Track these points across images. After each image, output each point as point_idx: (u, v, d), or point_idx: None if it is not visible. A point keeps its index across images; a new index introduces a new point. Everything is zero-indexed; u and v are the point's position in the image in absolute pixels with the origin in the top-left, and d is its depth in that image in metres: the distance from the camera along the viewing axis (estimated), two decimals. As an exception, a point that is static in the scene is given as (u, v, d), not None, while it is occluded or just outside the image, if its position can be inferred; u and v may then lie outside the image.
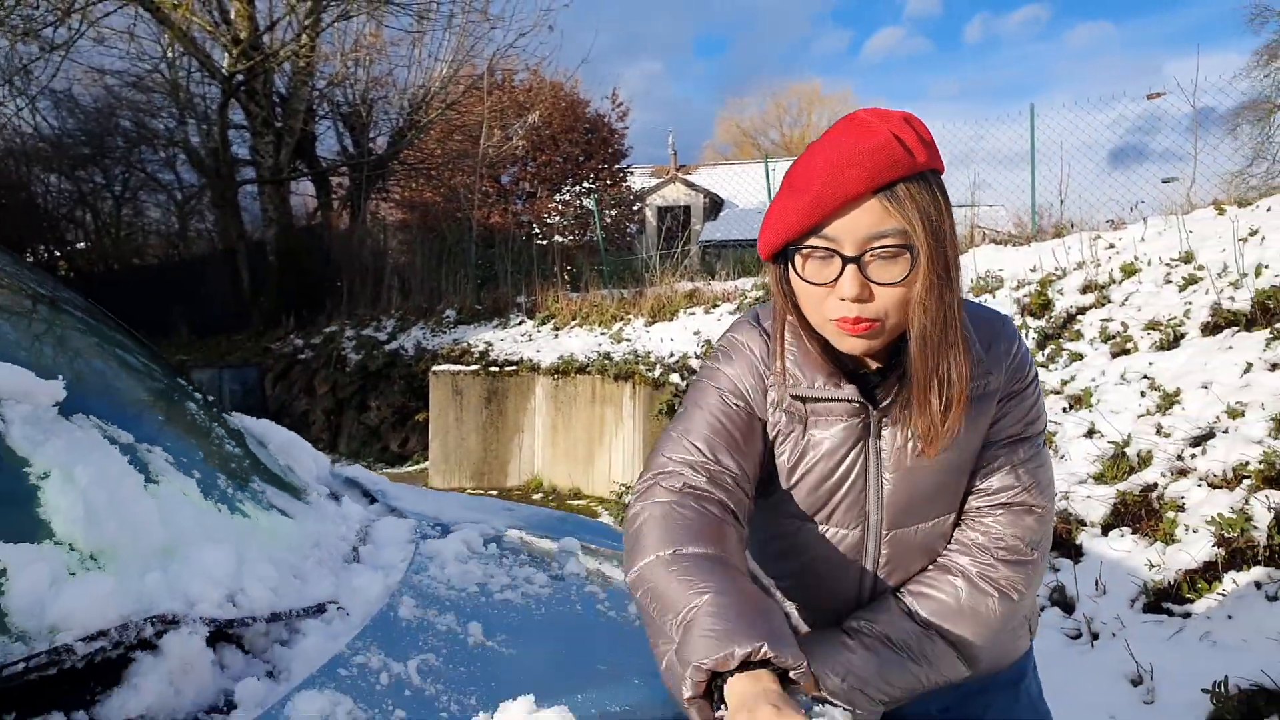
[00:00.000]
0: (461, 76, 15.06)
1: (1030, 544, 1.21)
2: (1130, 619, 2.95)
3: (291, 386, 12.23)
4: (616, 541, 2.24)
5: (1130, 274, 5.38)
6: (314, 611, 1.23)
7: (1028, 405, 1.24)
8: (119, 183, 19.46)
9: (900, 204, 1.05)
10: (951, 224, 1.09)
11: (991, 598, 1.19)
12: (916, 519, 1.22)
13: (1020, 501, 1.21)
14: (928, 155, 1.07)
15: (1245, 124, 19.50)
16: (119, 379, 1.64)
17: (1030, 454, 1.23)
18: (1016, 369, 1.23)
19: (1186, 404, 3.87)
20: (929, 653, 1.19)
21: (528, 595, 1.42)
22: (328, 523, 1.67)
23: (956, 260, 1.11)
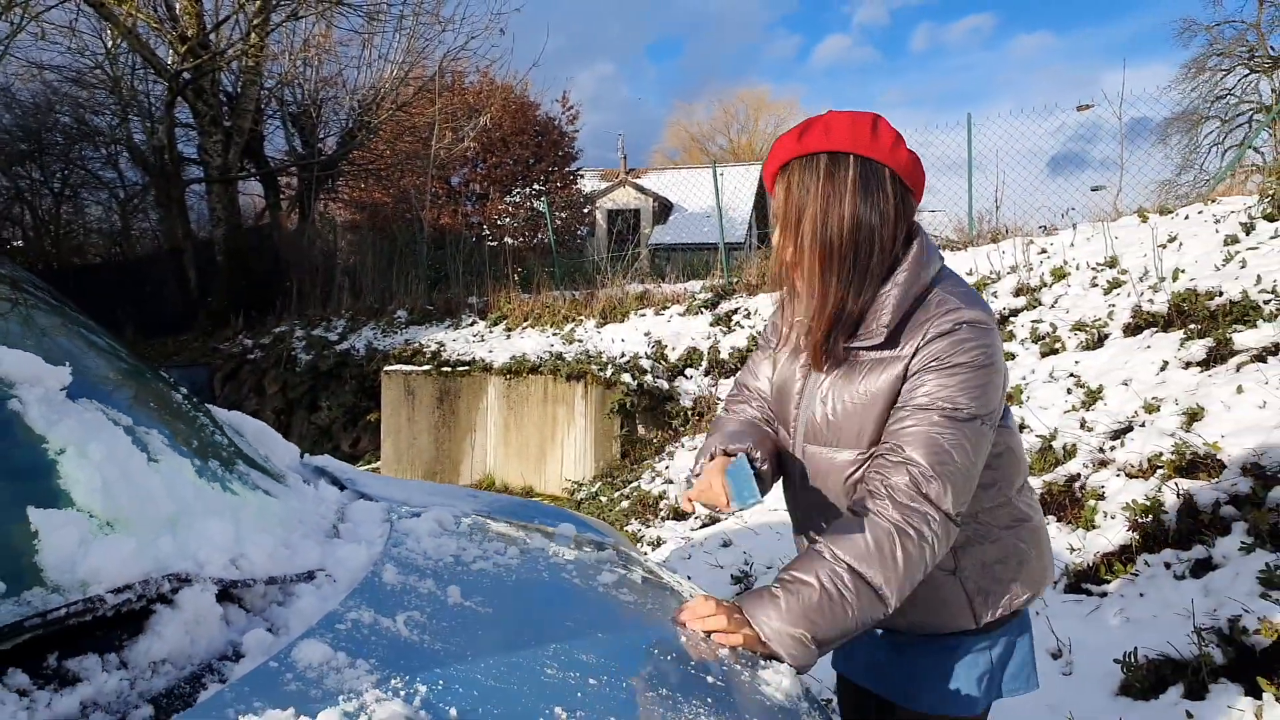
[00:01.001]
0: (412, 78, 15.02)
1: (912, 495, 1.33)
2: (1052, 599, 3.17)
3: (241, 386, 12.11)
4: (579, 523, 2.37)
5: (1060, 278, 5.67)
6: (305, 577, 1.35)
7: (948, 387, 1.36)
8: (58, 180, 19.02)
9: (786, 179, 1.45)
10: (833, 194, 1.40)
11: (887, 535, 1.32)
12: (821, 442, 1.50)
13: (904, 459, 1.35)
14: (822, 141, 1.42)
15: (1175, 134, 20.35)
16: (108, 370, 1.74)
17: (938, 426, 1.35)
18: (938, 353, 1.37)
19: (1108, 400, 4.12)
20: (846, 590, 1.30)
21: (499, 565, 1.55)
22: (308, 502, 1.78)
23: (827, 225, 1.40)
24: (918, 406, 1.37)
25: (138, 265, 16.94)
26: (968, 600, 1.49)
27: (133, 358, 2.05)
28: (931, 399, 1.36)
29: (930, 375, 1.37)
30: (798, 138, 1.42)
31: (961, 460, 1.34)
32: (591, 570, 1.62)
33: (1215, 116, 21.10)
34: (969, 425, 1.35)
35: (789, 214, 1.44)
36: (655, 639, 1.34)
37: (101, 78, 14.54)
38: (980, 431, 1.37)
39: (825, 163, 1.39)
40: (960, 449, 1.34)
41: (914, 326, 1.40)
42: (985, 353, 1.37)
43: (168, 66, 13.41)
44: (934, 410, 1.35)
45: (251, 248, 14.31)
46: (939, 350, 1.37)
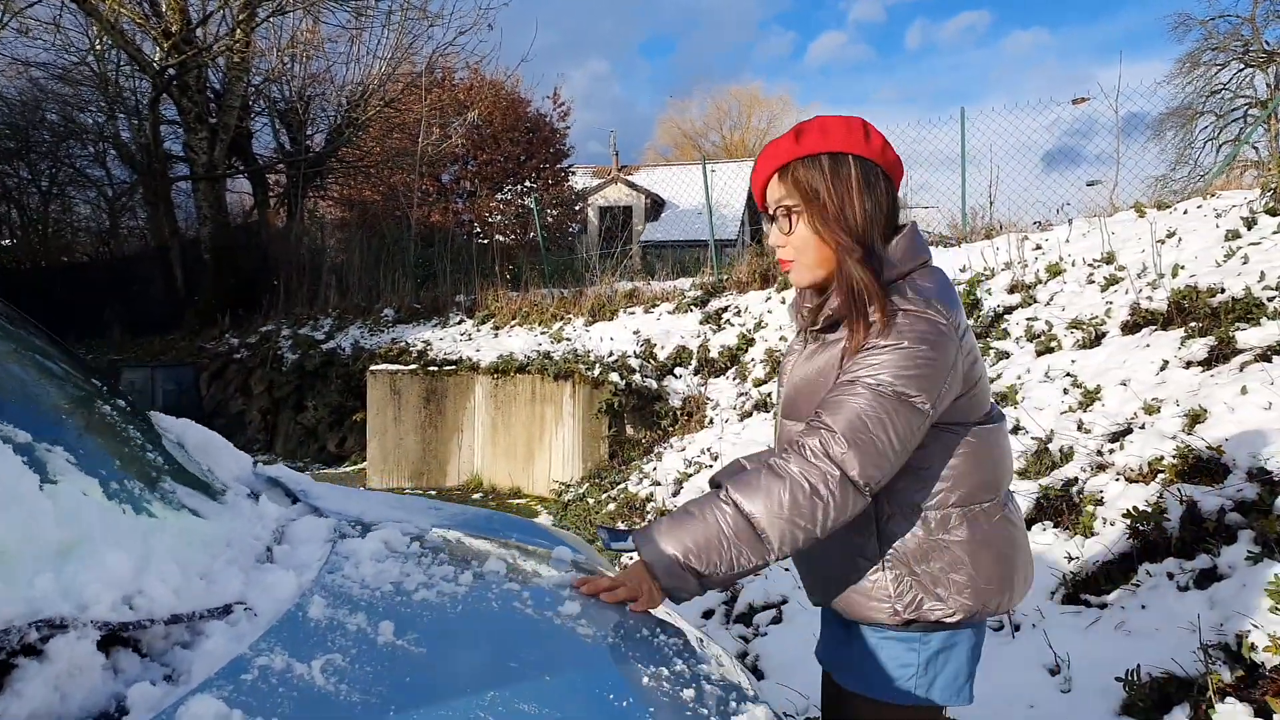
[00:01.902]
0: (400, 74, 14.86)
1: (817, 452, 1.39)
2: (1050, 610, 3.03)
3: (227, 386, 11.96)
4: (545, 539, 2.23)
5: (1055, 274, 5.54)
6: (219, 613, 1.21)
7: (876, 364, 1.40)
8: (46, 178, 18.82)
9: (785, 179, 1.53)
10: (840, 190, 1.48)
11: (781, 480, 1.39)
12: (787, 415, 1.62)
13: (820, 424, 1.41)
14: (820, 143, 1.51)
15: (1169, 129, 20.25)
16: (21, 379, 1.59)
17: (858, 397, 1.39)
18: (876, 333, 1.43)
19: (1106, 401, 3.99)
20: (725, 524, 1.40)
21: (444, 594, 1.40)
22: (242, 522, 1.64)
23: (844, 217, 1.48)
24: (844, 380, 1.43)
25: (125, 264, 16.76)
26: (889, 594, 1.50)
27: (67, 361, 1.90)
28: (856, 374, 1.42)
29: (863, 353, 1.43)
30: (795, 140, 1.51)
31: (877, 432, 1.38)
32: (550, 598, 1.48)
33: (1210, 111, 21.02)
34: (890, 400, 1.38)
35: (802, 203, 1.51)
36: (611, 683, 1.20)
37: (87, 74, 14.36)
38: (906, 410, 1.39)
39: (828, 162, 1.49)
40: (877, 421, 1.38)
41: (864, 315, 1.47)
42: (925, 340, 1.39)
43: (152, 62, 13.23)
44: (857, 383, 1.41)
45: (238, 246, 14.15)
46: (876, 331, 1.43)
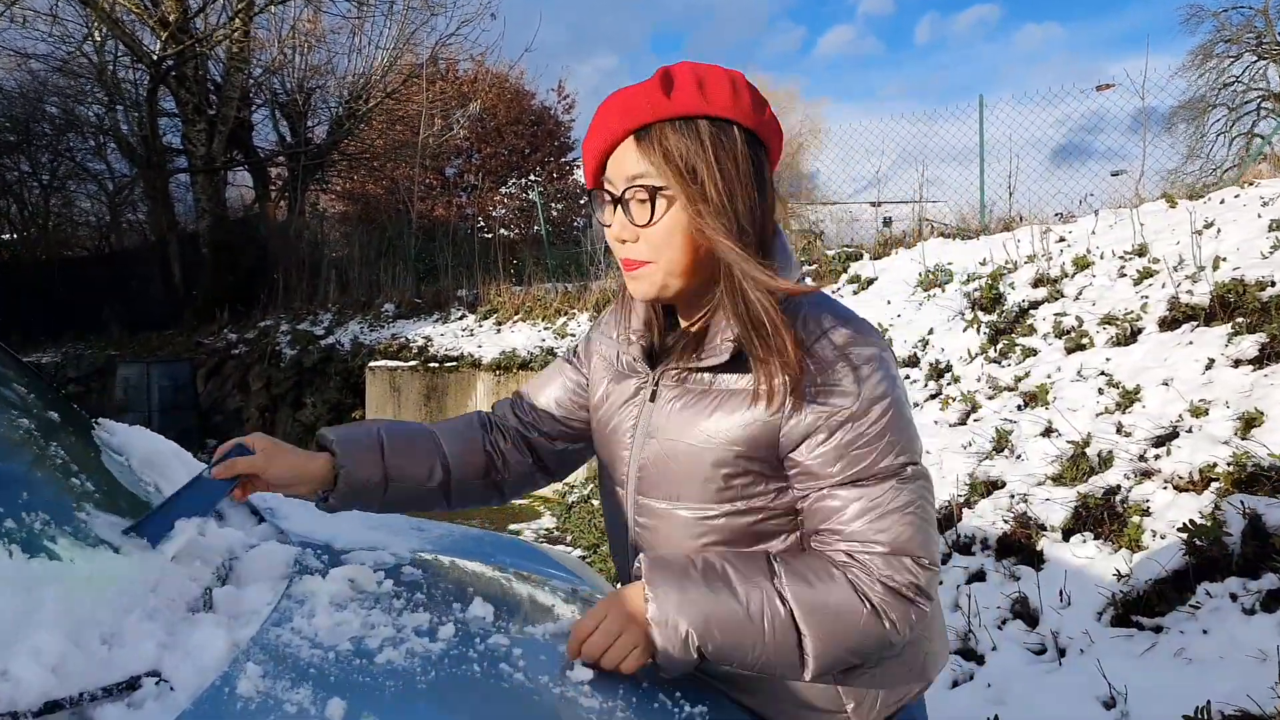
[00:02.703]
0: (402, 65, 14.62)
1: (907, 581, 1.08)
2: (1099, 633, 2.77)
3: (224, 383, 11.74)
4: (541, 563, 1.98)
5: (1083, 267, 5.26)
6: (121, 689, 0.95)
7: (876, 448, 1.09)
8: (46, 171, 18.60)
9: (650, 145, 1.09)
10: (728, 170, 1.08)
11: (859, 615, 1.08)
12: (657, 495, 1.21)
13: (883, 542, 1.08)
14: (698, 102, 1.08)
15: (1182, 122, 19.91)
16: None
17: (885, 491, 1.09)
18: (836, 403, 1.09)
19: (1147, 402, 3.73)
20: (771, 632, 1.07)
21: (414, 655, 1.15)
22: (180, 557, 1.38)
23: (733, 209, 1.09)
24: (849, 481, 1.09)
25: (123, 258, 16.55)
26: (842, 704, 1.21)
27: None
28: (862, 468, 1.09)
29: (839, 433, 1.09)
30: (663, 92, 1.09)
31: (931, 532, 1.12)
32: (545, 657, 1.21)
33: (1223, 104, 20.66)
34: (919, 483, 1.12)
35: (674, 183, 1.09)
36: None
37: (85, 65, 14.14)
38: (929, 483, 1.14)
39: (709, 130, 1.09)
40: (924, 519, 1.11)
41: (772, 344, 1.10)
42: (894, 380, 1.13)
43: (150, 53, 12.99)
44: (875, 476, 1.09)
45: (237, 240, 13.93)
46: (835, 400, 1.09)
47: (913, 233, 7.52)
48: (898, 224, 10.08)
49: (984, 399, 4.57)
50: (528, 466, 1.46)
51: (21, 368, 1.73)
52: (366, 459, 1.33)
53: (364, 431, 1.36)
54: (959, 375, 4.95)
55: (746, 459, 1.13)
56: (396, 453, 1.35)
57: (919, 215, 7.98)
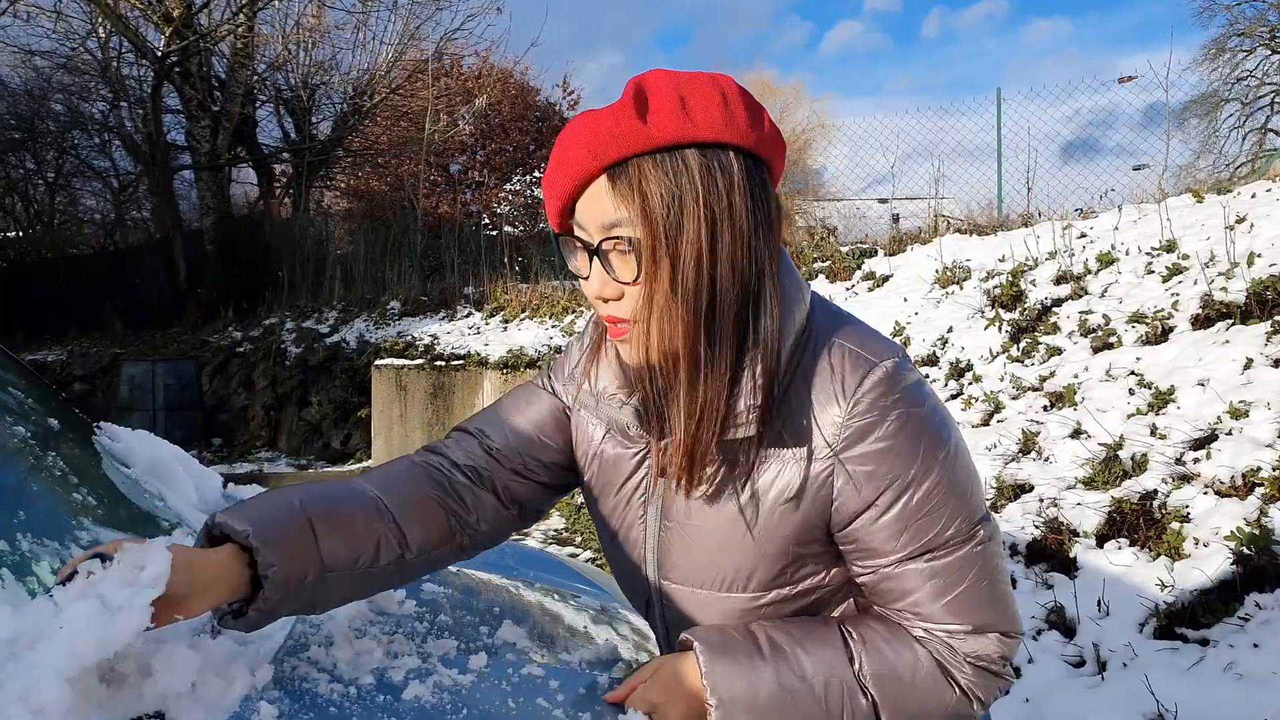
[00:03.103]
0: (407, 60, 14.53)
1: (994, 657, 0.98)
2: (1142, 646, 2.66)
3: (229, 381, 11.66)
4: (563, 576, 1.88)
5: (1108, 264, 5.14)
6: (121, 737, 0.84)
7: (940, 514, 0.94)
8: (52, 168, 18.53)
9: (625, 185, 0.88)
10: (721, 214, 0.88)
11: (945, 699, 0.97)
12: (693, 582, 1.04)
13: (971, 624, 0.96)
14: (680, 126, 0.87)
15: (1194, 117, 19.74)
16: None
17: (960, 564, 0.95)
18: (887, 469, 0.93)
19: (1182, 403, 3.61)
20: (848, 713, 0.96)
21: (443, 689, 1.04)
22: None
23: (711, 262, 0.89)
24: (916, 555, 0.95)
25: (128, 255, 16.49)
26: None
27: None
28: (928, 539, 0.94)
29: (898, 504, 0.94)
30: (638, 116, 0.88)
31: (1008, 600, 0.99)
32: (585, 690, 1.11)
33: (1235, 99, 20.47)
34: (991, 546, 0.98)
35: (647, 235, 0.89)
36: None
37: (90, 62, 14.07)
38: (999, 543, 1.00)
39: (697, 162, 0.87)
40: (1003, 591, 0.99)
41: (803, 403, 0.95)
42: (941, 426, 0.96)
43: (154, 49, 12.91)
44: (946, 547, 0.95)
45: (242, 237, 13.86)
46: (887, 466, 0.93)
47: (928, 228, 7.40)
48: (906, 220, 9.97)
49: (1008, 399, 4.45)
50: (505, 516, 1.15)
51: (22, 371, 1.62)
52: (294, 546, 0.95)
53: (278, 508, 0.98)
54: (980, 375, 4.83)
55: (797, 544, 0.99)
56: (331, 529, 0.99)
57: (935, 211, 7.85)
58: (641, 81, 0.90)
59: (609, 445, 1.08)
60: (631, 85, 0.90)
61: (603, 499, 1.11)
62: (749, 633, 0.99)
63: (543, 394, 1.17)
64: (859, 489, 0.94)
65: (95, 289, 15.04)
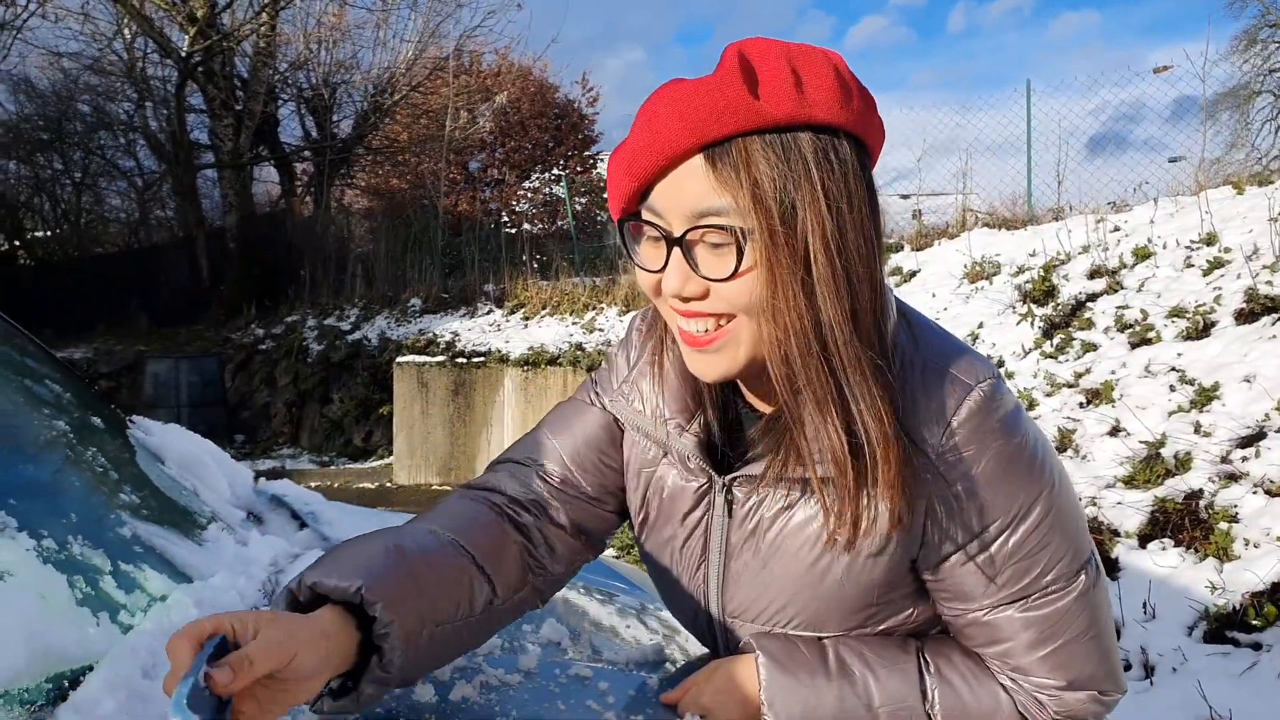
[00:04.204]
0: (427, 58, 14.55)
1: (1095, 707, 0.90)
2: (1191, 650, 2.58)
3: (252, 378, 11.72)
4: (601, 574, 1.83)
5: (1144, 257, 5.04)
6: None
7: (1043, 556, 0.85)
8: (78, 168, 18.72)
9: (728, 168, 0.76)
10: (839, 205, 0.77)
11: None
12: (763, 621, 0.95)
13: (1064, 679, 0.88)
14: (796, 104, 0.75)
15: (1224, 111, 19.43)
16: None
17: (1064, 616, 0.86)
18: (985, 505, 0.84)
19: (1227, 399, 3.51)
20: None
21: (490, 689, 0.99)
22: (222, 573, 1.23)
23: (844, 257, 0.77)
24: (1011, 601, 0.86)
25: (153, 253, 16.63)
26: None
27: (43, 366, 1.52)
28: (1026, 584, 0.85)
29: (994, 546, 0.85)
30: (749, 91, 0.76)
31: (1110, 644, 0.91)
32: (635, 693, 1.05)
33: (1268, 91, 20.14)
34: (1096, 593, 0.89)
35: (762, 223, 0.76)
36: None
37: (115, 63, 14.19)
38: (1103, 586, 0.91)
39: (813, 146, 0.76)
40: (1106, 634, 0.90)
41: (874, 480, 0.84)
42: (1045, 457, 0.86)
43: (178, 49, 12.99)
44: (1039, 599, 0.86)
45: (264, 235, 13.94)
46: (986, 506, 0.84)
47: (955, 223, 7.30)
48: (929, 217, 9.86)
49: (1042, 395, 4.36)
50: (575, 548, 1.02)
51: (59, 366, 1.59)
52: (407, 600, 0.80)
53: (378, 556, 0.82)
54: (1012, 371, 4.75)
55: (884, 589, 0.90)
56: (432, 578, 0.85)
57: (963, 205, 7.74)
58: (744, 50, 0.79)
59: (668, 472, 0.97)
60: (734, 54, 0.78)
61: (659, 528, 1.00)
62: (819, 647, 0.92)
63: (591, 409, 1.05)
64: (952, 529, 0.85)
65: (121, 287, 15.17)
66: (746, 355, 0.82)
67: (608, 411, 1.04)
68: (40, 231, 19.86)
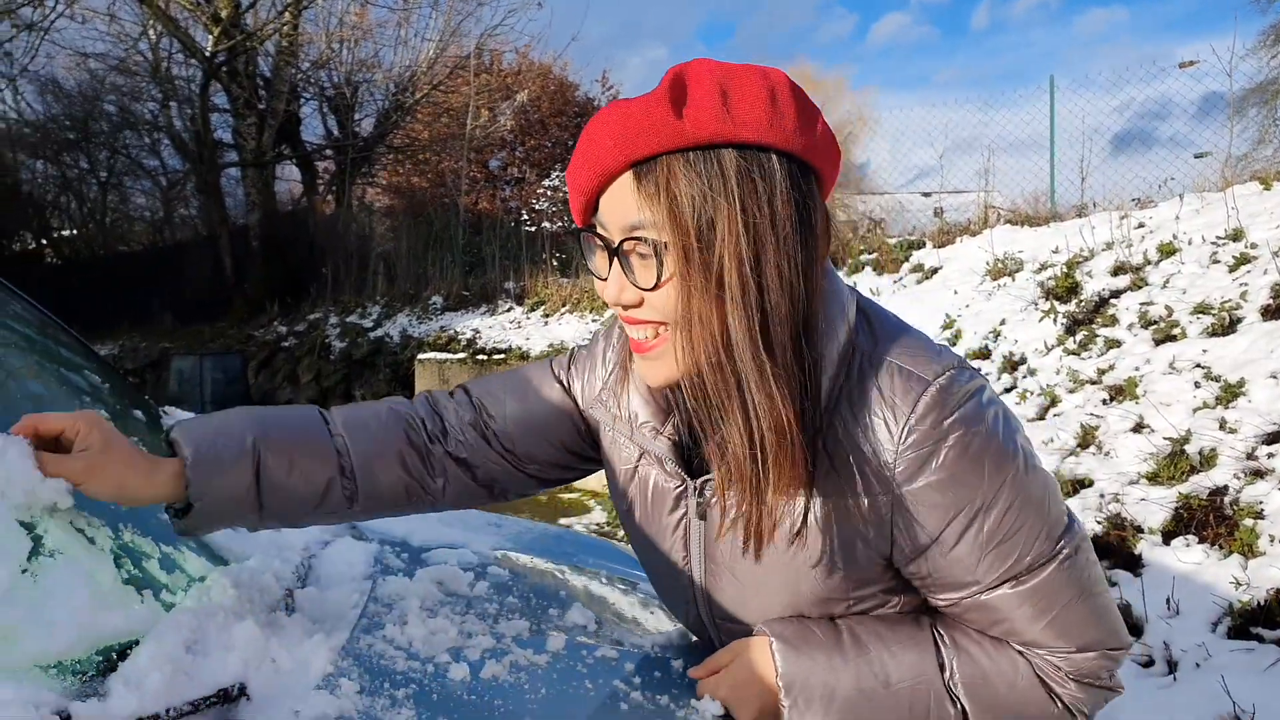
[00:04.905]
0: (448, 57, 14.63)
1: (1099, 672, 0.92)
2: (1215, 645, 2.57)
3: (275, 375, 11.83)
4: (625, 564, 1.85)
5: (1169, 254, 5.00)
6: (210, 703, 0.83)
7: (1020, 540, 0.87)
8: (104, 168, 18.97)
9: (651, 184, 0.81)
10: (756, 221, 0.79)
11: (1049, 706, 0.92)
12: (748, 620, 0.98)
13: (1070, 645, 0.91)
14: (719, 124, 0.79)
15: (1252, 106, 19.19)
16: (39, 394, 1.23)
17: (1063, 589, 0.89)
18: (955, 498, 0.86)
19: (1253, 396, 3.49)
20: (931, 717, 0.91)
21: (520, 669, 1.01)
22: (258, 555, 1.26)
23: (758, 273, 0.80)
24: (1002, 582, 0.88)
25: (177, 251, 16.83)
26: None
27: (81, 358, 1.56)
28: (1012, 564, 0.87)
29: (970, 532, 0.87)
30: (673, 110, 0.79)
31: (1108, 602, 0.94)
32: (661, 674, 1.07)
33: (1296, 88, 19.85)
34: (1085, 555, 0.92)
35: (676, 239, 0.81)
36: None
37: (141, 63, 14.36)
38: (1084, 537, 0.93)
39: (735, 164, 0.79)
40: (1102, 594, 0.92)
41: (850, 433, 0.87)
42: (1007, 440, 0.87)
43: (202, 49, 13.13)
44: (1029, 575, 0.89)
45: (287, 233, 14.08)
46: (953, 495, 0.86)
47: (977, 220, 7.26)
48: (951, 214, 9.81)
49: (1064, 392, 4.34)
50: (472, 491, 1.09)
51: (97, 359, 1.64)
52: (232, 485, 0.94)
53: (230, 437, 0.95)
54: (1035, 368, 4.73)
55: (857, 585, 0.93)
56: (281, 471, 0.97)
57: (985, 202, 7.71)
58: (682, 72, 0.82)
59: (652, 471, 1.00)
60: (670, 75, 0.82)
61: (644, 526, 1.04)
62: (831, 627, 0.94)
63: (556, 388, 1.09)
64: (922, 524, 0.87)
65: (145, 284, 15.36)
66: (684, 362, 0.84)
67: (570, 396, 1.09)
68: (67, 230, 20.12)
